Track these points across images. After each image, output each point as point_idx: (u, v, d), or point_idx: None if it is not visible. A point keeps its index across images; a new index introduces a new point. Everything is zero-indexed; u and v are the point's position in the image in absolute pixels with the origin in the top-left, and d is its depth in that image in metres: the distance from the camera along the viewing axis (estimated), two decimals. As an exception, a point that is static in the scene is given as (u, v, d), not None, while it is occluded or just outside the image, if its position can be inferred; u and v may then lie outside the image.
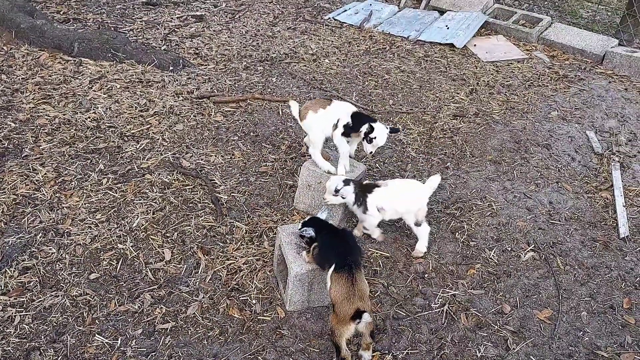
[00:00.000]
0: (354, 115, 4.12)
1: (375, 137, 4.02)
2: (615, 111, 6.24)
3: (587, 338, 3.60)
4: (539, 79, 6.92)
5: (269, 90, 6.04)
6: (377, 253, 4.10)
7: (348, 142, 4.23)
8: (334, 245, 3.29)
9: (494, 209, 4.67)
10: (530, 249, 4.26)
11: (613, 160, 5.34)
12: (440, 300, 3.78)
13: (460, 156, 5.32)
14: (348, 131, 4.13)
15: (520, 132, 5.74)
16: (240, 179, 4.71)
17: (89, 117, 5.21)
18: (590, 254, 4.29)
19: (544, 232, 4.47)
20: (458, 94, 6.41)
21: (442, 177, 4.95)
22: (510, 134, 5.71)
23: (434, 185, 4.00)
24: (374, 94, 6.25)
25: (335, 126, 4.14)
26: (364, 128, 4.03)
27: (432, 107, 6.08)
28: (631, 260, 4.24)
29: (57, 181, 4.42)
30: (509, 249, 4.27)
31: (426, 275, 3.97)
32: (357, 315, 2.98)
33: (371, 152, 4.13)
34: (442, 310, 3.70)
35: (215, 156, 4.93)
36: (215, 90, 5.90)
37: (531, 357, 3.45)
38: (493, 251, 4.23)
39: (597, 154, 5.47)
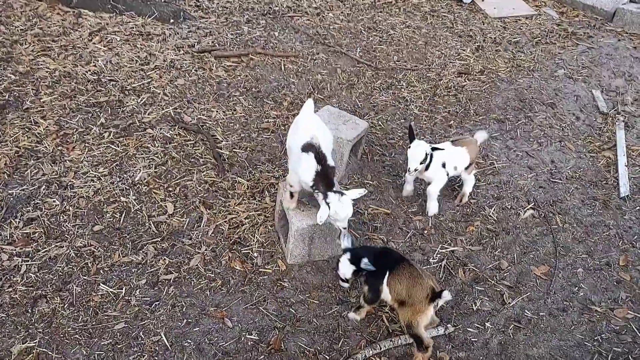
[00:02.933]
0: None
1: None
2: (623, 70, 6.14)
3: (582, 293, 3.67)
4: (547, 36, 6.78)
5: (271, 45, 5.95)
6: (377, 210, 4.13)
7: None
8: (376, 258, 3.11)
9: (495, 167, 4.67)
10: (530, 207, 4.28)
11: (618, 119, 5.29)
12: (438, 255, 3.84)
13: (464, 114, 5.28)
14: None
15: (526, 91, 5.67)
16: (242, 135, 4.70)
17: (90, 70, 5.15)
18: (590, 212, 4.32)
19: (544, 190, 4.48)
20: (464, 50, 6.30)
21: (445, 135, 4.94)
22: (515, 92, 5.64)
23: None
24: (378, 49, 6.15)
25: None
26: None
27: (437, 64, 6.00)
28: (630, 219, 4.27)
29: (58, 134, 4.42)
30: (509, 206, 4.30)
31: (425, 232, 4.02)
32: (436, 295, 2.98)
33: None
34: (440, 265, 3.77)
35: (217, 112, 4.90)
36: (216, 44, 5.81)
37: (526, 310, 3.52)
38: (493, 209, 4.25)
39: (602, 113, 5.43)
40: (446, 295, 2.97)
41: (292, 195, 3.49)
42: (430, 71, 5.86)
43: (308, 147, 3.25)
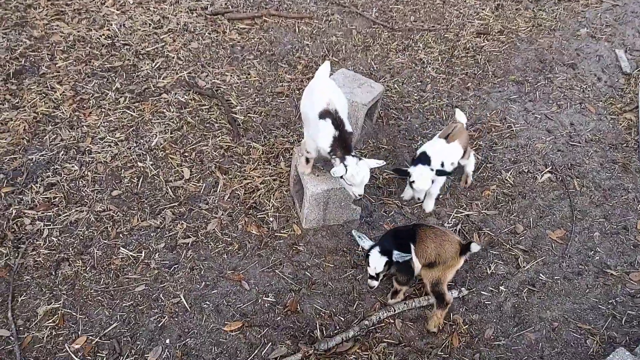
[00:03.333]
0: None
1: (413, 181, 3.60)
2: (648, 28, 5.93)
3: (598, 257, 3.66)
4: (570, -7, 6.53)
5: (285, 6, 5.83)
6: (393, 175, 4.13)
7: None
8: (396, 242, 3.11)
9: (513, 130, 4.60)
10: (548, 171, 4.24)
11: (641, 80, 5.14)
12: (453, 220, 3.84)
13: (482, 76, 5.18)
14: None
15: (546, 51, 5.52)
16: (256, 100, 4.68)
17: (103, 35, 5.13)
18: (609, 175, 4.26)
19: (562, 154, 4.42)
20: (483, 9, 6.12)
21: (462, 98, 4.86)
22: (535, 52, 5.50)
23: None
24: (394, 9, 6.00)
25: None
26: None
27: (455, 24, 5.84)
28: (650, 183, 4.21)
29: (75, 99, 4.45)
30: (526, 170, 4.26)
31: (440, 197, 4.01)
32: (467, 248, 3.01)
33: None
34: (455, 229, 3.77)
35: (231, 76, 4.87)
36: (229, 6, 5.72)
37: (540, 274, 3.54)
38: (509, 173, 4.22)
39: (625, 73, 5.27)
40: (475, 247, 2.99)
41: (307, 160, 3.50)
42: (448, 32, 5.72)
43: (325, 114, 3.22)
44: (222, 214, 3.73)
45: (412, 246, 3.09)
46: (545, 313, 3.33)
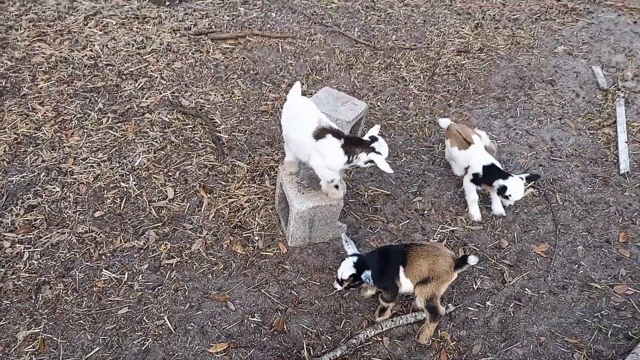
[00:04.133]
0: (486, 168, 3.85)
1: (510, 195, 3.74)
2: (623, 45, 6.08)
3: (582, 271, 3.69)
4: (546, 12, 6.70)
5: (268, 26, 5.89)
6: (377, 191, 4.14)
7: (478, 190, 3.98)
8: (381, 261, 3.12)
9: (495, 146, 4.65)
10: (530, 186, 4.28)
11: (618, 95, 5.26)
12: (439, 235, 3.86)
13: (464, 93, 5.25)
14: (478, 181, 3.92)
15: (525, 68, 5.63)
16: (240, 118, 4.68)
17: (86, 55, 5.11)
18: (590, 189, 4.32)
19: (544, 168, 4.48)
20: (463, 28, 6.24)
21: (444, 114, 4.92)
22: (514, 69, 5.60)
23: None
24: (376, 28, 6.09)
25: (466, 171, 3.98)
26: (497, 184, 3.77)
27: (436, 43, 5.94)
28: (630, 196, 4.27)
29: (57, 120, 4.41)
30: (509, 185, 4.29)
31: (425, 212, 4.02)
32: (462, 261, 2.98)
33: (507, 205, 4.00)
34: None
35: (215, 95, 4.88)
36: (213, 27, 5.75)
37: (526, 289, 3.55)
38: (493, 188, 4.25)
39: (602, 89, 5.39)
40: (472, 260, 2.95)
41: (337, 187, 3.41)
42: (429, 50, 5.81)
43: (321, 133, 3.18)
44: (207, 234, 3.70)
45: (401, 268, 3.06)
46: (532, 328, 3.33)
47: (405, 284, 3.10)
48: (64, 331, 3.08)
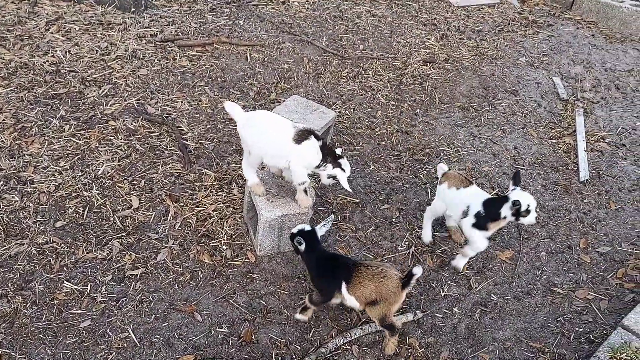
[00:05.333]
0: (486, 203, 3.42)
1: (528, 205, 3.27)
2: (581, 57, 6.30)
3: (545, 276, 3.78)
4: (509, 24, 6.89)
5: (236, 33, 5.86)
6: (346, 199, 4.15)
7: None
8: (331, 268, 3.12)
9: (460, 154, 4.74)
10: (495, 193, 4.37)
11: (577, 106, 5.44)
12: (406, 242, 3.89)
13: (430, 102, 5.33)
14: (483, 222, 3.41)
15: (489, 79, 5.77)
16: (208, 126, 4.63)
17: (48, 61, 4.98)
18: (552, 197, 4.44)
19: (508, 176, 4.58)
20: (429, 39, 6.35)
21: (411, 123, 4.98)
22: (479, 80, 5.73)
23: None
24: (344, 38, 6.14)
25: (465, 214, 3.49)
26: (506, 210, 3.32)
27: (402, 53, 6.03)
28: (589, 203, 4.40)
29: (16, 127, 4.26)
30: (475, 193, 4.37)
31: (394, 220, 4.05)
32: (408, 279, 2.93)
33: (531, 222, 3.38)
34: (408, 252, 3.81)
35: (182, 102, 4.81)
36: (180, 34, 5.68)
37: (492, 295, 3.61)
38: (459, 195, 4.32)
39: (562, 100, 5.57)
40: (417, 272, 2.89)
41: (306, 192, 3.42)
42: (396, 60, 5.89)
43: (302, 135, 3.21)
44: (173, 244, 3.63)
45: (344, 285, 3.04)
46: (498, 333, 3.39)
47: (350, 301, 3.07)
48: (22, 346, 2.97)
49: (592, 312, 3.56)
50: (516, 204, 3.24)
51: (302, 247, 3.08)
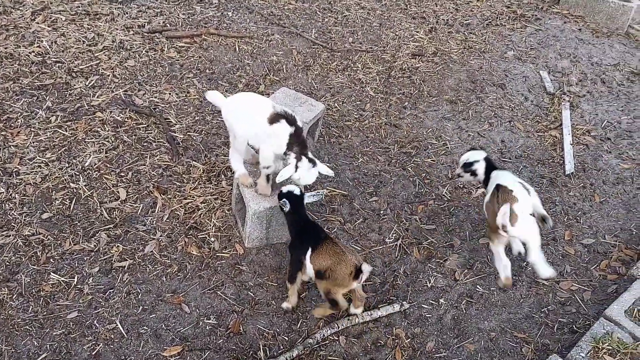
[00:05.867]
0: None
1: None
2: (568, 51, 6.35)
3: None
4: (497, 18, 6.92)
5: (225, 25, 5.83)
6: (335, 191, 4.16)
7: None
8: (304, 231, 3.23)
9: (448, 147, 4.78)
10: (481, 186, 4.40)
11: (564, 99, 5.49)
12: (394, 235, 3.92)
13: (418, 96, 5.35)
14: None
15: (477, 72, 5.80)
16: (196, 118, 4.61)
17: (34, 52, 4.92)
18: (538, 190, 4.47)
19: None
20: (417, 32, 6.36)
21: (399, 116, 5.00)
22: (467, 73, 5.76)
23: None
24: (333, 31, 6.13)
25: None
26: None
27: (391, 46, 6.03)
28: (574, 196, 4.46)
29: (1, 119, 4.22)
30: (461, 186, 4.41)
31: (381, 212, 4.08)
32: (359, 272, 3.00)
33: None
34: (396, 244, 3.84)
35: (170, 94, 4.79)
36: (167, 25, 5.64)
37: (478, 286, 3.65)
38: (446, 188, 4.36)
39: (549, 93, 5.62)
40: (366, 268, 2.99)
41: (268, 179, 3.44)
42: (385, 53, 5.90)
43: (276, 117, 3.23)
44: (161, 235, 3.63)
45: (309, 251, 3.11)
46: (484, 324, 3.43)
47: (309, 269, 3.14)
48: (8, 337, 2.95)
49: (575, 303, 3.62)
50: None
51: (286, 209, 3.19)
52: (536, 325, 3.46)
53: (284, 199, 3.18)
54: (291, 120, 3.24)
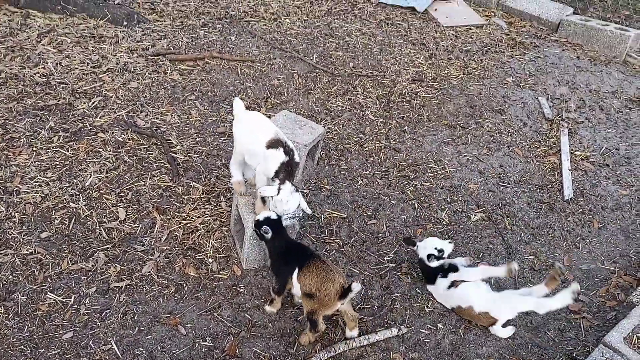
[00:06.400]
0: None
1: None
2: (566, 78, 6.43)
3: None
4: (496, 45, 7.02)
5: (228, 49, 5.92)
6: (333, 214, 4.17)
7: None
8: (289, 252, 3.25)
9: (447, 171, 4.80)
10: (480, 211, 4.42)
11: (562, 125, 5.53)
12: (392, 258, 3.91)
13: (417, 120, 5.40)
14: None
15: (476, 97, 5.86)
16: (197, 139, 4.65)
17: (38, 73, 4.99)
18: (536, 214, 4.50)
19: (493, 194, 4.64)
20: (417, 58, 6.45)
21: (399, 140, 5.04)
22: (466, 99, 5.82)
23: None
24: (334, 56, 6.22)
25: None
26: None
27: (391, 71, 6.11)
28: (573, 221, 4.46)
29: (4, 138, 4.26)
30: (460, 210, 4.42)
31: (380, 235, 4.08)
32: (347, 291, 2.98)
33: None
34: (394, 267, 3.83)
35: (172, 115, 4.84)
36: (171, 48, 5.73)
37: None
38: (445, 212, 4.37)
39: (547, 119, 5.66)
40: (356, 287, 2.94)
41: (264, 201, 3.46)
42: (385, 78, 5.97)
43: (275, 143, 3.28)
44: (159, 256, 3.63)
45: (296, 270, 3.12)
46: (482, 349, 3.40)
47: (296, 288, 3.15)
48: (3, 357, 2.93)
49: (574, 329, 3.60)
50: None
51: (269, 235, 3.18)
52: (534, 352, 3.43)
53: (264, 226, 3.17)
54: (287, 151, 3.29)
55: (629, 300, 3.70)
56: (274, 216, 3.24)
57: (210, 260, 3.66)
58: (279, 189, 3.22)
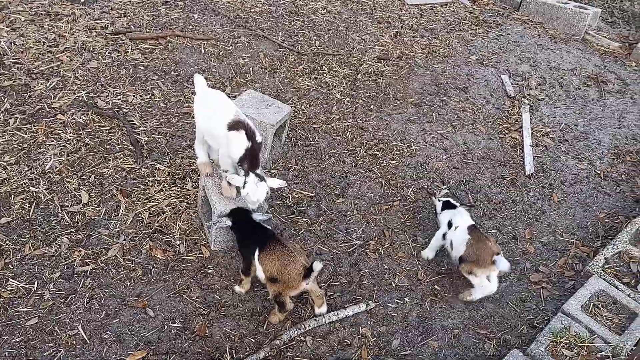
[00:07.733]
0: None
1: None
2: (528, 56, 6.55)
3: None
4: (460, 23, 7.08)
5: (190, 27, 5.79)
6: (301, 193, 4.18)
7: None
8: (250, 233, 3.26)
9: (413, 149, 4.86)
10: (445, 187, 4.50)
11: (524, 103, 5.66)
12: (362, 234, 3.95)
13: (384, 99, 5.43)
14: None
15: (441, 76, 5.92)
16: (161, 120, 4.56)
17: (-10, 52, 4.78)
18: (499, 190, 4.61)
19: (458, 170, 4.73)
20: (383, 36, 6.45)
21: (366, 119, 5.05)
22: (431, 77, 5.87)
23: None
24: (300, 34, 6.16)
25: None
26: None
27: (357, 50, 6.10)
28: (534, 195, 4.60)
29: (-44, 121, 4.09)
30: (426, 186, 4.50)
31: (348, 214, 4.12)
32: (308, 272, 3.02)
33: None
34: (362, 244, 3.88)
35: (134, 96, 4.72)
36: (131, 26, 5.57)
37: (442, 285, 3.72)
38: (410, 189, 4.44)
39: (509, 97, 5.78)
40: (317, 266, 3.00)
41: (230, 182, 3.42)
42: (351, 56, 5.96)
43: (237, 125, 3.23)
44: (125, 239, 3.57)
45: (257, 252, 3.14)
46: (447, 321, 3.50)
47: (259, 270, 3.17)
48: (-36, 347, 2.87)
49: (535, 299, 3.73)
50: None
51: (228, 223, 3.27)
52: (497, 322, 3.55)
53: (222, 218, 3.26)
54: (250, 134, 3.23)
55: (585, 269, 3.86)
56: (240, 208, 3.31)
57: (177, 242, 3.63)
58: (245, 182, 3.20)
